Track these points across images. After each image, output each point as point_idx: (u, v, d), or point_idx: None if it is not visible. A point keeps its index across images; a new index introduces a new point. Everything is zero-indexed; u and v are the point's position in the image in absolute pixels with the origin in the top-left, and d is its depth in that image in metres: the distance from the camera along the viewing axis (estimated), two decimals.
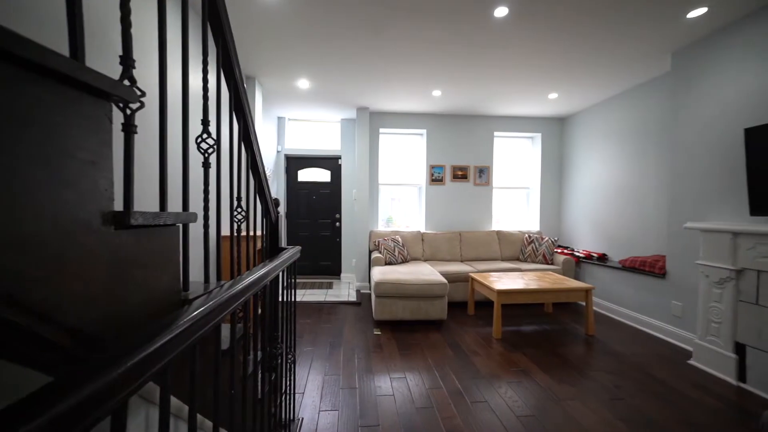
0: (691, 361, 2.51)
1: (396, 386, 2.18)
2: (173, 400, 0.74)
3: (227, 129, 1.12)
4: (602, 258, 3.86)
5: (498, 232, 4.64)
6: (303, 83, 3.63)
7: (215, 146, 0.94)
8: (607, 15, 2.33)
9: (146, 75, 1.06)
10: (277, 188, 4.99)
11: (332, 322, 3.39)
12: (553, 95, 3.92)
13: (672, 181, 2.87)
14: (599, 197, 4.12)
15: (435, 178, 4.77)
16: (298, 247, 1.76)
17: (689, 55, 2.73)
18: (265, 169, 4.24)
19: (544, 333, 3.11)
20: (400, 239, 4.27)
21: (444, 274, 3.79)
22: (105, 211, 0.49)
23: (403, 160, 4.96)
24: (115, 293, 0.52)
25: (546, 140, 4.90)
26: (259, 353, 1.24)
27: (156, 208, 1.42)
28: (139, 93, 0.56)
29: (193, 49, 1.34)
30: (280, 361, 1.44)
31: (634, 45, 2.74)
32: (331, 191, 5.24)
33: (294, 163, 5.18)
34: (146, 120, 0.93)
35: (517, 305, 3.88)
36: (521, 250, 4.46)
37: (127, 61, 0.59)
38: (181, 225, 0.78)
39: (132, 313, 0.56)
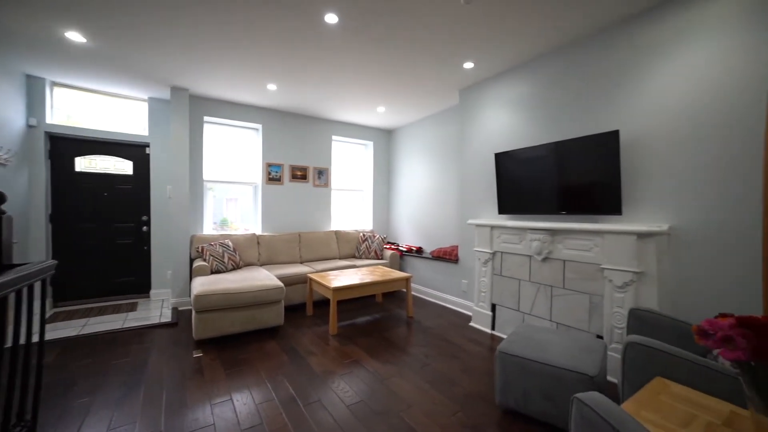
0: (471, 323, 3.35)
1: (218, 413, 1.88)
2: None
3: None
4: (419, 251, 4.65)
5: (336, 232, 4.84)
6: (74, 36, 2.62)
7: None
8: (413, 51, 2.79)
9: None
10: (29, 178, 3.46)
11: (132, 354, 2.62)
12: (381, 109, 4.43)
13: (461, 188, 3.76)
14: (416, 199, 4.95)
15: (272, 177, 4.50)
16: (51, 262, 1.24)
17: (469, 94, 3.64)
18: None
19: (375, 322, 3.45)
20: (230, 243, 3.78)
21: (282, 277, 3.62)
22: None
23: (235, 155, 4.43)
24: None
25: (377, 148, 5.50)
26: None
27: None
28: None
29: None
30: None
31: (435, 80, 3.42)
32: (135, 187, 4.09)
33: (67, 146, 3.73)
34: None
35: (353, 299, 4.15)
36: (357, 247, 4.82)
37: None
38: None
39: None
